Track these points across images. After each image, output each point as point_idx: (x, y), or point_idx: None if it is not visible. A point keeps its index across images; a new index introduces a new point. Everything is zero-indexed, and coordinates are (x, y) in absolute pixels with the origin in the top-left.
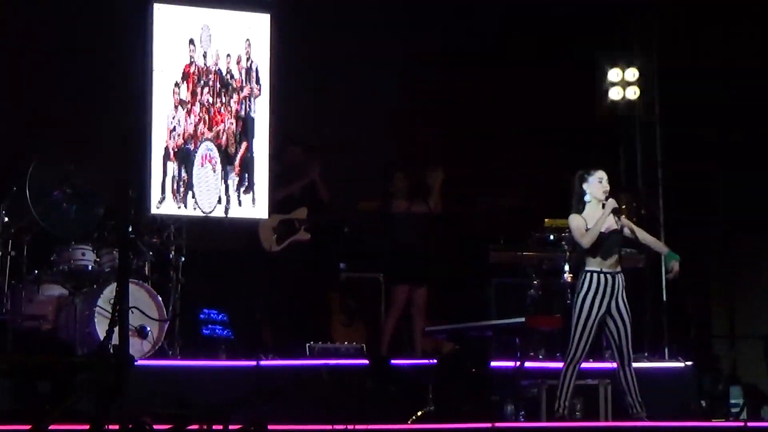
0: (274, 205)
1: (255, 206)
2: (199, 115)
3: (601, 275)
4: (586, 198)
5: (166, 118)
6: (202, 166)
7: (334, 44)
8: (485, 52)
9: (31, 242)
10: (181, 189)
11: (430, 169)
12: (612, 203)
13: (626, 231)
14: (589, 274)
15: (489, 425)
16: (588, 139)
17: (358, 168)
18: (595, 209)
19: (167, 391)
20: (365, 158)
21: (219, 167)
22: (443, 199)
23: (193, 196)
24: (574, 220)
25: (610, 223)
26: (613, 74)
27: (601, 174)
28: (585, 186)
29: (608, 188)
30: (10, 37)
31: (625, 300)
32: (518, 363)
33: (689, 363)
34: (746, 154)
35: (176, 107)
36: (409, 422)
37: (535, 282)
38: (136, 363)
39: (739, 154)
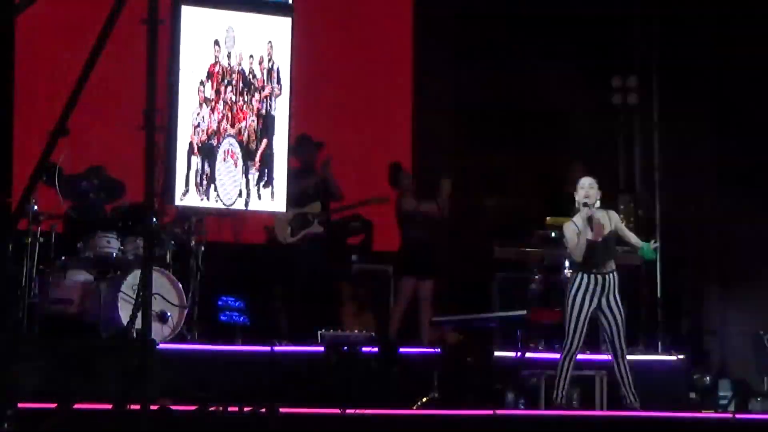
0: (289, 199)
1: (274, 200)
2: (222, 112)
3: (591, 275)
4: (577, 204)
5: (191, 115)
6: (225, 161)
7: (348, 47)
8: (496, 54)
9: (59, 230)
10: (204, 182)
11: (441, 179)
12: (586, 212)
13: (617, 226)
14: (580, 274)
15: (491, 412)
16: (589, 142)
17: (369, 164)
18: (583, 215)
19: (186, 374)
20: (376, 155)
21: (240, 162)
22: (450, 204)
23: (216, 190)
24: (567, 229)
25: (606, 226)
26: (615, 80)
27: (583, 181)
28: (575, 193)
29: (590, 194)
30: (45, 34)
31: (617, 297)
32: (519, 353)
33: (681, 356)
34: (741, 156)
35: (201, 104)
36: (414, 408)
37: (536, 277)
38: (156, 347)
39: (733, 156)
